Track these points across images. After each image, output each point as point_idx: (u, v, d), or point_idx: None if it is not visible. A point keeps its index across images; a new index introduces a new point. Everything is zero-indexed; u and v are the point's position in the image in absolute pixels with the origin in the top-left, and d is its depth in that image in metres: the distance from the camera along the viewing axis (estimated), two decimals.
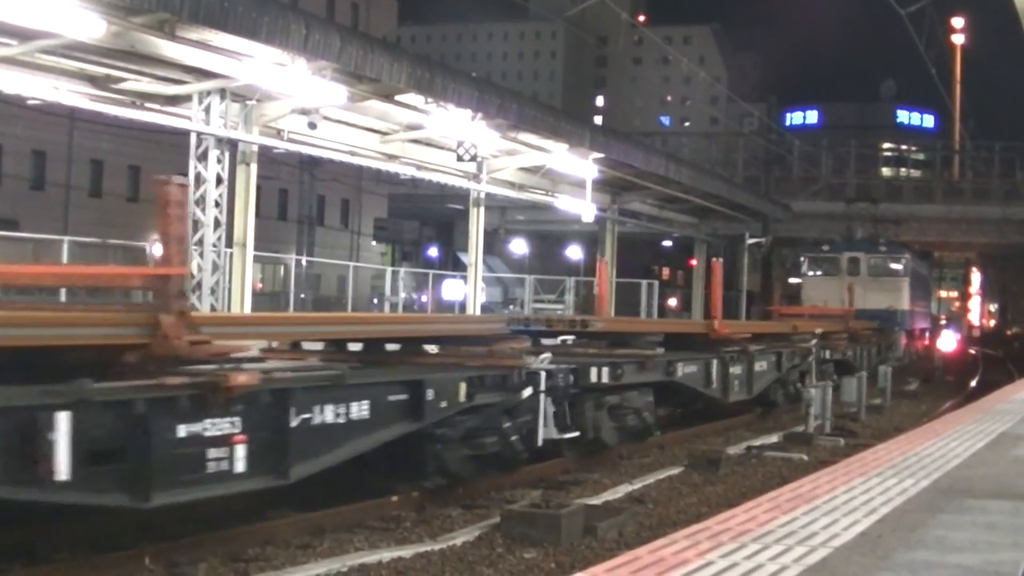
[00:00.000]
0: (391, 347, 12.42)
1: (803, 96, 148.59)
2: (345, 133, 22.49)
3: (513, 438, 12.63)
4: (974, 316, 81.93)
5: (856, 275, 38.02)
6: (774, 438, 19.15)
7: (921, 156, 75.34)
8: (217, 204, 18.53)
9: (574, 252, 55.28)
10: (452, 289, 35.40)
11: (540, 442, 13.43)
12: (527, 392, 13.06)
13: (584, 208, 28.78)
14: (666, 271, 74.57)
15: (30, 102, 18.32)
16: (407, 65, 18.64)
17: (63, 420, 7.58)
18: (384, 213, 65.00)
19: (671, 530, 9.27)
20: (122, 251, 29.27)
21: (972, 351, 57.11)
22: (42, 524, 8.98)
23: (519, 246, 56.35)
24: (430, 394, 11.35)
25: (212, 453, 8.72)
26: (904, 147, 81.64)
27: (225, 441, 8.81)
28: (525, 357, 13.18)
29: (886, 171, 71.98)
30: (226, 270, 18.99)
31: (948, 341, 50.54)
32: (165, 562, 8.98)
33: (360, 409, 10.41)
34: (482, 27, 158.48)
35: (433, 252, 67.40)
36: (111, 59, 16.74)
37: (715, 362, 18.85)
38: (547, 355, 14.04)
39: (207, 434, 8.66)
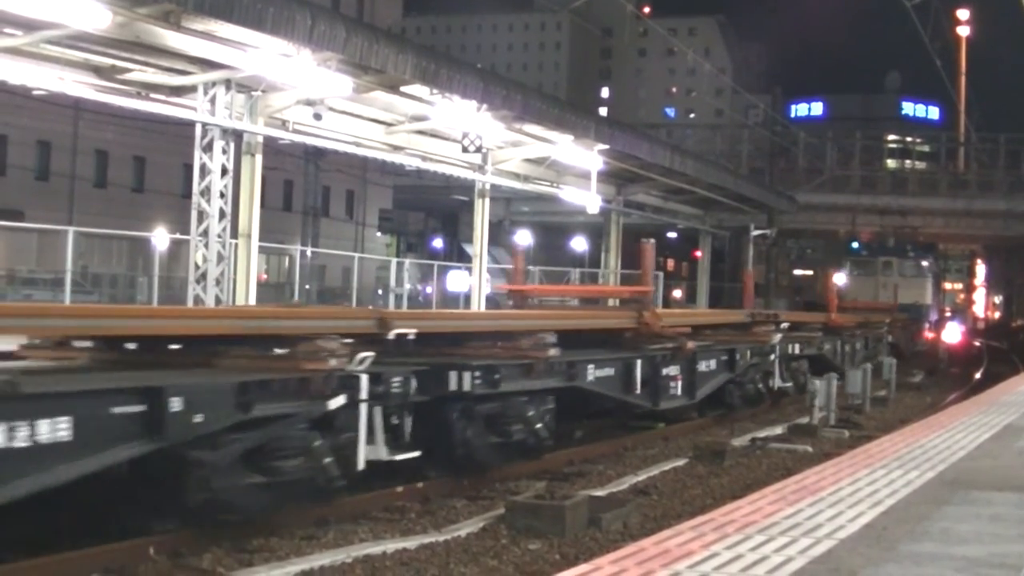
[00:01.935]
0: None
1: (808, 88, 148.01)
2: (350, 124, 22.44)
3: (760, 385, 21.27)
4: (979, 308, 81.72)
5: (889, 275, 44.86)
6: (779, 430, 19.15)
7: (926, 148, 74.97)
8: (222, 195, 18.48)
9: (579, 243, 55.20)
10: (457, 280, 35.26)
11: (776, 387, 21.85)
12: (772, 356, 21.49)
13: (589, 199, 28.69)
14: (671, 262, 74.46)
15: (35, 93, 18.27)
16: (412, 56, 18.60)
17: (639, 364, 16.04)
18: (389, 204, 64.93)
19: (676, 521, 9.28)
20: (127, 241, 29.27)
21: (977, 343, 57.02)
22: (45, 515, 8.98)
23: (524, 237, 56.22)
24: (738, 356, 19.81)
25: (671, 384, 17.13)
26: (909, 139, 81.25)
27: (675, 378, 17.21)
28: (771, 335, 21.52)
29: (891, 163, 71.70)
30: (231, 261, 18.97)
31: (953, 333, 50.45)
32: (170, 552, 8.99)
33: (712, 364, 18.89)
34: (487, 18, 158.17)
35: (438, 243, 67.43)
36: (116, 50, 16.70)
37: (839, 342, 27.73)
38: (780, 335, 21.76)
39: (670, 374, 17.05)
